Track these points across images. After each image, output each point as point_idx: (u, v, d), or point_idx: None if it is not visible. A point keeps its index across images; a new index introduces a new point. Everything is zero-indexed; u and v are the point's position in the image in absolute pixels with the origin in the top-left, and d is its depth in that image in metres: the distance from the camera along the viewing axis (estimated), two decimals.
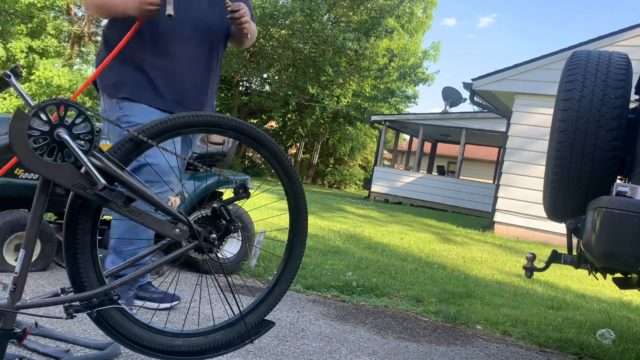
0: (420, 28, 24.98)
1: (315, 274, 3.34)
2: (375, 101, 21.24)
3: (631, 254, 1.41)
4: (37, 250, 2.64)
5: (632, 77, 1.91)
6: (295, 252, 1.58)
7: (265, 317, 1.55)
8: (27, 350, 1.62)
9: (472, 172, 22.91)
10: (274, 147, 1.49)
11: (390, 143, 22.80)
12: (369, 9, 19.46)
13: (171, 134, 1.32)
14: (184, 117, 1.33)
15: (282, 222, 2.22)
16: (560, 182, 1.88)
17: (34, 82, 18.31)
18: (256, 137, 1.44)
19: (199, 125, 1.36)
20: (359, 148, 24.26)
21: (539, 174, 6.53)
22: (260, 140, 1.46)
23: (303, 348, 2.06)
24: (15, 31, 19.28)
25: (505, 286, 3.93)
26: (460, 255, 5.46)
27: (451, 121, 14.46)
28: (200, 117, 1.36)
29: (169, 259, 1.37)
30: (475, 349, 2.37)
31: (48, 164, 1.16)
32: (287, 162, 1.52)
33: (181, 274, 2.94)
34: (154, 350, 1.38)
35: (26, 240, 1.23)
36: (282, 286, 1.58)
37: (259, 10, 17.14)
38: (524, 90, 8.49)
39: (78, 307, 1.25)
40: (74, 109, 1.17)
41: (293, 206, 1.56)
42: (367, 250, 4.94)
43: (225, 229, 1.40)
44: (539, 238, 8.05)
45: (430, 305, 2.98)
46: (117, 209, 1.23)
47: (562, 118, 1.85)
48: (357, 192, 22.43)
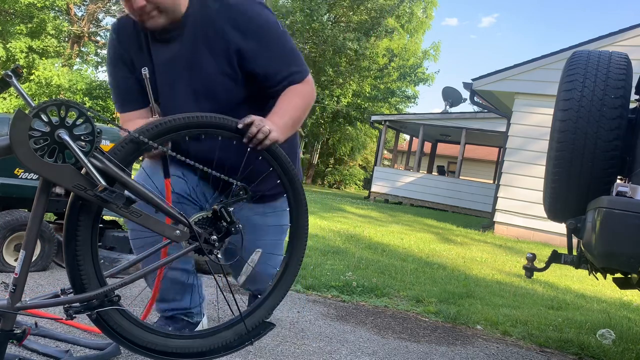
0: (420, 28, 24.97)
1: (315, 274, 3.34)
2: (375, 101, 21.25)
3: (631, 254, 1.41)
4: (37, 251, 2.64)
5: (632, 77, 1.91)
6: (296, 253, 1.59)
7: (265, 319, 1.55)
8: (27, 351, 1.62)
9: (472, 172, 22.89)
10: (274, 148, 1.49)
11: (390, 143, 22.80)
12: (369, 9, 19.47)
13: (172, 135, 1.32)
14: (185, 118, 1.33)
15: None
16: (560, 182, 1.88)
17: (33, 82, 18.32)
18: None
19: (200, 127, 1.36)
20: (359, 148, 24.27)
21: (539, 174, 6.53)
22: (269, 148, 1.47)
23: (303, 348, 2.06)
24: (15, 31, 19.29)
25: (505, 286, 3.93)
26: (461, 255, 5.46)
27: (451, 121, 14.45)
28: (201, 118, 1.36)
29: (169, 261, 1.37)
30: (476, 349, 2.37)
31: (49, 164, 1.16)
32: (287, 162, 1.52)
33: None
34: (154, 352, 1.38)
35: (26, 241, 1.23)
36: (283, 287, 1.58)
37: None
38: (524, 90, 8.48)
39: (78, 308, 1.26)
40: (74, 109, 1.17)
41: (293, 206, 1.56)
42: (367, 250, 4.94)
43: (226, 231, 1.40)
44: (539, 238, 8.05)
45: (430, 306, 2.98)
46: (117, 210, 1.23)
47: (562, 118, 1.85)
48: (357, 192, 22.43)
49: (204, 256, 1.37)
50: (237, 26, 1.69)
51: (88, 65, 23.06)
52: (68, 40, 21.70)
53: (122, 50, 1.78)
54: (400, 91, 22.99)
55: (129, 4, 1.62)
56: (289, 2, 18.25)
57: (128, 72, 1.78)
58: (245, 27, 1.69)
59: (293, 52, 1.76)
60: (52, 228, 2.72)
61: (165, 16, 1.65)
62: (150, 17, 1.64)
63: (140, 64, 1.71)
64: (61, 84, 18.14)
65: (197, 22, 1.71)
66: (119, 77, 1.81)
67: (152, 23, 1.66)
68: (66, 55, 21.01)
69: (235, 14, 1.70)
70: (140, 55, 1.76)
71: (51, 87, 18.23)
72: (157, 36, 1.73)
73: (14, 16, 19.74)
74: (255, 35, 1.70)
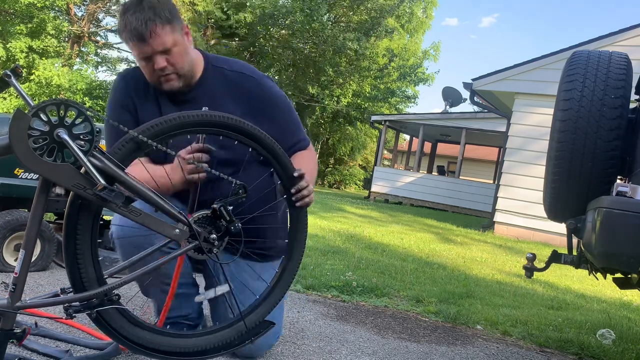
0: (420, 28, 24.95)
1: (315, 274, 3.34)
2: (375, 101, 21.24)
3: (631, 254, 1.41)
4: (37, 251, 2.64)
5: (632, 77, 1.91)
6: (295, 253, 1.58)
7: (265, 318, 1.55)
8: (27, 351, 1.62)
9: (472, 172, 22.89)
10: (275, 147, 1.49)
11: (390, 143, 22.80)
12: (369, 9, 19.46)
13: (172, 134, 1.32)
14: (185, 117, 1.33)
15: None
16: (560, 182, 1.88)
17: (33, 82, 18.31)
18: (259, 138, 1.44)
19: (200, 125, 1.36)
20: (359, 148, 24.27)
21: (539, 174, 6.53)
22: (260, 140, 1.46)
23: (303, 348, 2.06)
24: (15, 31, 19.28)
25: (505, 286, 3.93)
26: (461, 255, 5.46)
27: (451, 121, 14.46)
28: (201, 116, 1.35)
29: (167, 260, 1.37)
30: (476, 349, 2.37)
31: (48, 164, 1.16)
32: (287, 163, 1.52)
33: None
34: (154, 351, 1.38)
35: (26, 241, 1.23)
36: (282, 287, 1.58)
37: (259, 10, 17.12)
38: (524, 90, 8.48)
39: (78, 307, 1.25)
40: (73, 109, 1.17)
41: (292, 206, 1.56)
42: (367, 250, 4.94)
43: (225, 229, 1.40)
44: (539, 238, 8.04)
45: (430, 305, 2.98)
46: (116, 209, 1.23)
47: (562, 118, 1.84)
48: (357, 192, 22.42)
49: (204, 255, 1.37)
50: (249, 97, 1.77)
51: (88, 65, 23.04)
52: (68, 40, 21.69)
53: (128, 100, 1.80)
54: (400, 91, 22.98)
55: (149, 65, 1.66)
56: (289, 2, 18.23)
57: (130, 116, 1.79)
58: (257, 99, 1.78)
59: (299, 124, 1.86)
60: (52, 228, 2.72)
61: (182, 80, 1.71)
62: (168, 80, 1.69)
63: (145, 115, 1.73)
64: (61, 84, 18.12)
65: (209, 88, 1.77)
66: (120, 120, 1.79)
67: (168, 85, 1.70)
68: (66, 55, 21.00)
69: (249, 85, 1.79)
70: (147, 106, 1.78)
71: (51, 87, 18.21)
72: (169, 96, 1.77)
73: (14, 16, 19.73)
74: (267, 107, 1.78)
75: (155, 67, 1.65)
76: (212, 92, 1.77)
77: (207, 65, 1.80)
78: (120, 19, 1.64)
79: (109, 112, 1.82)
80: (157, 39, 1.61)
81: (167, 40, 1.62)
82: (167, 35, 1.62)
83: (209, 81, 1.78)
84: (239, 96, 1.77)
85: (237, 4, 17.29)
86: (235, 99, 1.77)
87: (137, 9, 1.60)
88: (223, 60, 1.86)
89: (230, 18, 16.81)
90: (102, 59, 24.50)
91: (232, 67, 1.83)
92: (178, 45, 1.65)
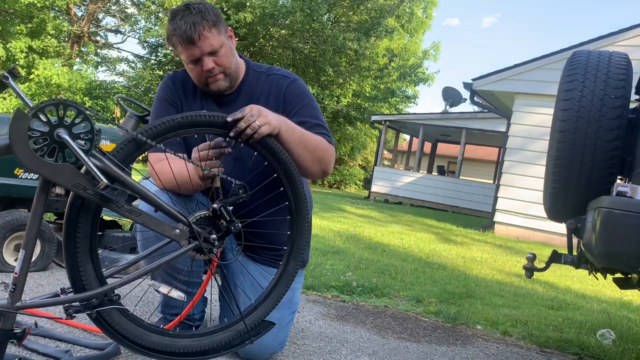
0: (420, 28, 24.97)
1: (315, 274, 3.34)
2: (375, 101, 21.24)
3: (631, 254, 1.41)
4: (37, 251, 2.64)
5: (632, 77, 1.90)
6: (295, 252, 1.58)
7: (265, 318, 1.55)
8: (27, 351, 1.62)
9: (472, 172, 22.91)
10: (274, 147, 1.49)
11: (390, 143, 22.80)
12: (369, 9, 19.44)
13: (173, 134, 1.32)
14: (185, 117, 1.33)
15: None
16: (560, 182, 1.87)
17: (33, 81, 18.31)
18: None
19: (200, 125, 1.36)
20: (359, 148, 24.25)
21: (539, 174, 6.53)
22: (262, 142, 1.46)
23: (303, 348, 2.06)
24: (15, 31, 19.28)
25: (505, 286, 3.93)
26: (461, 255, 5.46)
27: (451, 121, 14.45)
28: (201, 117, 1.36)
29: (168, 260, 1.37)
30: (476, 349, 2.37)
31: (48, 164, 1.16)
32: (288, 162, 1.52)
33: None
34: (154, 351, 1.38)
35: (26, 241, 1.23)
36: (282, 287, 1.58)
37: (259, 10, 17.10)
38: (524, 90, 8.49)
39: (78, 307, 1.25)
40: (72, 108, 1.17)
41: (293, 206, 1.55)
42: (367, 250, 4.94)
43: (226, 230, 1.40)
44: (539, 238, 8.05)
45: (430, 306, 2.98)
46: (118, 209, 1.23)
47: (562, 118, 1.84)
48: (357, 192, 22.42)
49: (204, 255, 1.37)
50: (285, 98, 1.84)
51: (88, 65, 23.04)
52: (68, 40, 21.69)
53: (175, 97, 1.87)
54: (400, 91, 22.99)
55: (197, 67, 1.72)
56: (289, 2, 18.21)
57: (175, 111, 1.84)
58: (291, 100, 1.84)
59: (324, 123, 1.89)
60: (52, 228, 2.72)
61: (229, 79, 1.78)
62: (216, 80, 1.76)
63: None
64: (61, 83, 18.14)
65: (250, 90, 1.85)
66: (165, 114, 1.83)
67: (215, 85, 1.77)
68: (66, 55, 21.00)
69: (283, 82, 1.86)
70: (193, 107, 1.85)
71: (51, 87, 18.22)
72: (213, 98, 1.84)
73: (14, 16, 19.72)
74: (300, 107, 1.84)
75: (203, 68, 1.71)
76: (252, 93, 1.85)
77: (249, 69, 1.89)
78: (169, 24, 1.71)
79: (154, 106, 1.89)
80: (206, 41, 1.68)
81: (215, 42, 1.69)
82: (214, 38, 1.69)
83: (250, 84, 1.86)
84: (274, 95, 1.85)
85: (237, 4, 17.27)
86: (273, 99, 1.84)
87: (185, 14, 1.67)
88: (263, 66, 1.96)
89: (230, 18, 16.79)
90: (102, 59, 24.52)
91: (270, 71, 1.91)
92: (224, 46, 1.73)
